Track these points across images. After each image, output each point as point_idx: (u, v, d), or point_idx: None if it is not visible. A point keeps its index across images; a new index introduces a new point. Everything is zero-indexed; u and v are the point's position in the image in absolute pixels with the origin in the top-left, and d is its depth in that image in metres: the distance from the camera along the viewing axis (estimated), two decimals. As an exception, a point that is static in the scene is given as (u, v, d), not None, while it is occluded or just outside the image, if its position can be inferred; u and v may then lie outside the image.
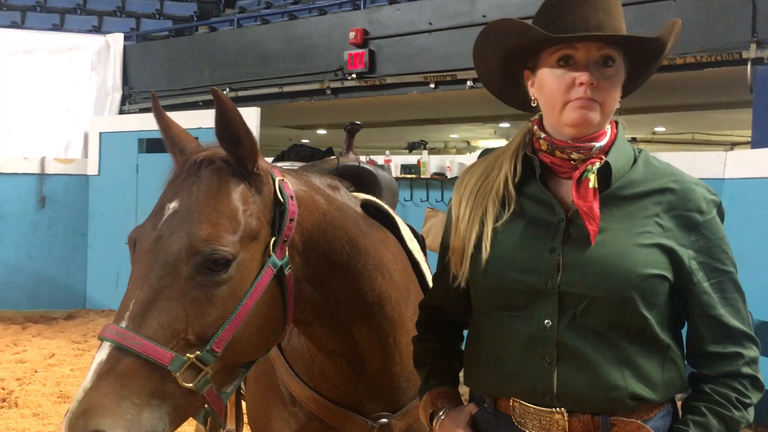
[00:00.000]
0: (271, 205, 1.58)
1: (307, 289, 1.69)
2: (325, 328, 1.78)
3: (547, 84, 1.50)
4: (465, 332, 1.78)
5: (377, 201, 2.11)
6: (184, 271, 1.42)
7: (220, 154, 1.56)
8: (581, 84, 1.44)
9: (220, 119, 1.50)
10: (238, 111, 1.50)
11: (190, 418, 1.50)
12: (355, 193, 2.06)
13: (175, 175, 1.57)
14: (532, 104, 1.58)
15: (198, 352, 1.40)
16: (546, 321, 1.45)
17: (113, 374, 1.34)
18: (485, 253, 1.52)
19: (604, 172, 1.49)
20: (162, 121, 1.66)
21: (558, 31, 1.47)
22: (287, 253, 1.58)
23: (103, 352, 1.36)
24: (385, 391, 1.93)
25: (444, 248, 1.68)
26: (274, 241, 1.55)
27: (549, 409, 1.45)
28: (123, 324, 1.38)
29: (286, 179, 1.66)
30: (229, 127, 1.51)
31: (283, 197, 1.59)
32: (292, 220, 1.59)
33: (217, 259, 1.43)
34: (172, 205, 1.50)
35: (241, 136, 1.52)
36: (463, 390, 1.69)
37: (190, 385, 1.39)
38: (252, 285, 1.49)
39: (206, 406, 1.46)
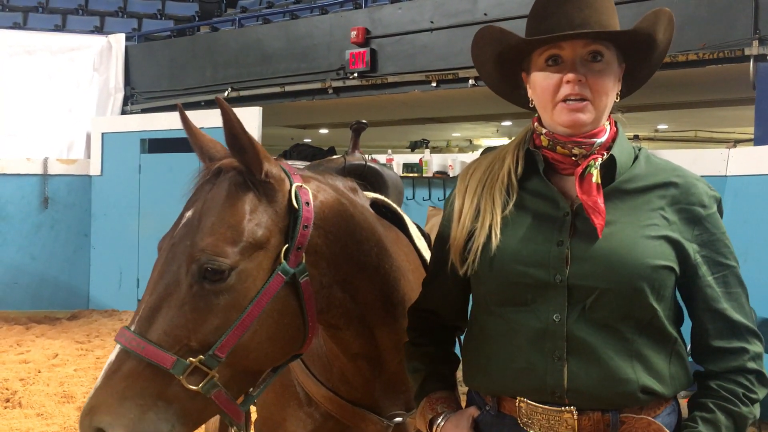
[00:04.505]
0: (285, 213, 1.56)
1: (338, 294, 1.68)
2: (353, 331, 1.77)
3: (538, 85, 1.52)
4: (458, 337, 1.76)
5: (387, 200, 2.11)
6: (185, 279, 1.45)
7: (236, 162, 1.56)
8: (568, 82, 1.45)
9: (225, 128, 1.51)
10: (238, 120, 1.50)
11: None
12: (365, 192, 2.05)
13: (197, 183, 1.59)
14: (530, 105, 1.59)
15: (201, 357, 1.42)
16: (555, 315, 1.43)
17: (118, 375, 1.39)
18: (495, 240, 1.50)
19: (608, 167, 1.49)
20: (190, 131, 1.66)
21: (544, 31, 1.48)
22: (304, 260, 1.56)
23: (113, 354, 1.43)
24: (402, 390, 1.92)
25: (442, 240, 1.64)
26: (287, 249, 1.54)
27: (558, 408, 1.43)
28: (132, 328, 1.43)
29: (309, 185, 1.64)
30: (233, 136, 1.51)
31: (298, 204, 1.57)
32: (306, 226, 1.56)
33: (214, 268, 1.43)
34: (188, 213, 1.53)
35: (244, 144, 1.51)
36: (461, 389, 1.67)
37: (196, 387, 1.40)
38: (257, 294, 1.48)
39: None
